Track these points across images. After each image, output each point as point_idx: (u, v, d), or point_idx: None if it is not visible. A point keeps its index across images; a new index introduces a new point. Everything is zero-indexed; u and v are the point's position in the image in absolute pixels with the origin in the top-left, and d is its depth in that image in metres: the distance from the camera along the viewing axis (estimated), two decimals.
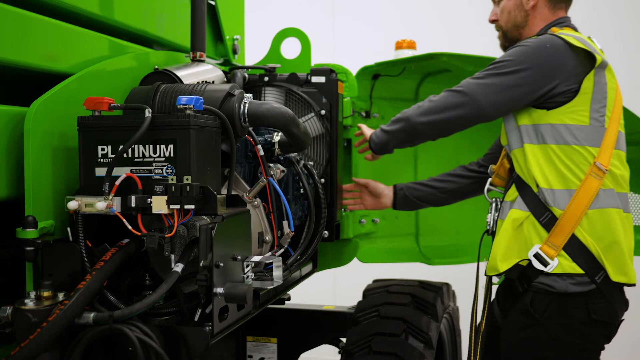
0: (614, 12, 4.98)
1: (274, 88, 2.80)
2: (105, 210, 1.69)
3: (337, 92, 2.77)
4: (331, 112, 2.77)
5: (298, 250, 2.45)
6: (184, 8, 2.67)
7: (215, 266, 1.71)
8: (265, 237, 2.21)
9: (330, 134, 2.79)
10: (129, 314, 1.65)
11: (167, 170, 1.73)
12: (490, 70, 2.44)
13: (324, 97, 2.77)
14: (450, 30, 5.25)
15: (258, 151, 2.21)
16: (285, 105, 2.70)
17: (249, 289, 1.73)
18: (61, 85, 1.85)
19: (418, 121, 2.54)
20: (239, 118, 1.97)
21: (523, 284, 2.39)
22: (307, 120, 2.72)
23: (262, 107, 2.00)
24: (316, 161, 2.74)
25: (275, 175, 2.27)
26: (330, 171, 2.80)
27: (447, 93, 2.50)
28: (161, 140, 1.74)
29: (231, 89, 1.97)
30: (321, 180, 2.69)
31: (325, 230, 2.72)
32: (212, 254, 1.70)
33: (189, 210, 1.68)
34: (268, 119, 2.01)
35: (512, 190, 2.49)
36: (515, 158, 2.46)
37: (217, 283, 1.72)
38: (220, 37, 2.94)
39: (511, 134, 2.48)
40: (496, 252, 2.43)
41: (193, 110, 1.73)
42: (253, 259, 1.89)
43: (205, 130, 1.80)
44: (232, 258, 1.81)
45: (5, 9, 1.74)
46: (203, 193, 1.72)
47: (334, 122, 2.78)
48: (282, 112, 2.04)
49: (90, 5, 2.09)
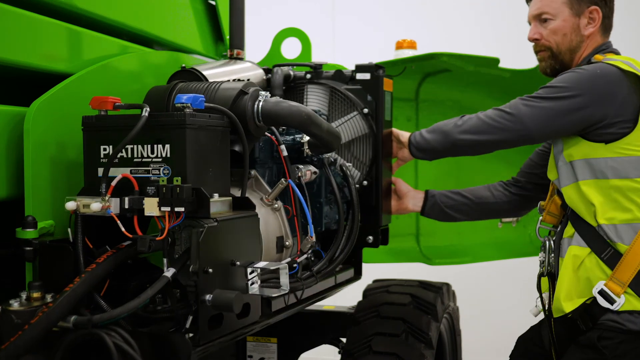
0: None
1: (317, 86, 2.69)
2: (101, 211, 1.65)
3: (383, 89, 2.64)
4: (377, 110, 2.63)
5: (326, 257, 2.33)
6: (184, 8, 2.67)
7: (204, 272, 1.64)
8: (286, 241, 2.11)
9: (375, 134, 2.64)
10: (108, 319, 1.59)
11: (164, 171, 1.69)
12: (543, 94, 2.33)
13: (369, 95, 2.64)
14: (450, 30, 5.24)
15: (281, 151, 2.15)
16: (329, 104, 2.64)
17: (236, 297, 1.65)
18: (61, 85, 1.85)
19: (458, 138, 2.45)
20: (252, 117, 1.90)
21: (587, 323, 2.27)
22: (350, 120, 2.61)
23: (276, 106, 1.93)
24: (361, 162, 2.64)
25: (304, 177, 2.20)
26: (376, 172, 2.65)
27: (495, 113, 2.40)
28: (158, 140, 1.70)
29: (244, 87, 1.91)
30: (364, 182, 2.62)
31: (369, 235, 2.63)
32: (199, 259, 1.63)
33: (181, 213, 1.63)
34: (282, 118, 1.94)
35: (568, 227, 2.38)
36: (568, 195, 2.35)
37: (208, 289, 1.65)
38: (221, 37, 2.93)
39: (562, 169, 2.37)
40: (559, 291, 2.32)
41: (192, 109, 1.69)
42: (257, 265, 1.80)
43: (207, 130, 1.75)
44: (230, 263, 1.75)
45: (5, 9, 1.74)
46: (196, 195, 1.67)
47: (379, 121, 2.64)
48: (297, 111, 1.95)
49: (91, 5, 2.09)
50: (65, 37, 1.96)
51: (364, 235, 2.64)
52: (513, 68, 3.13)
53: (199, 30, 2.78)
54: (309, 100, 2.66)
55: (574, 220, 2.35)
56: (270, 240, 2.04)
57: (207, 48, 2.85)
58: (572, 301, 2.29)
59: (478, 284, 4.76)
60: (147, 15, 2.41)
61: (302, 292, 2.24)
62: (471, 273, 4.25)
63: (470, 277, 4.38)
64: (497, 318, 5.01)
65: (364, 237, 2.64)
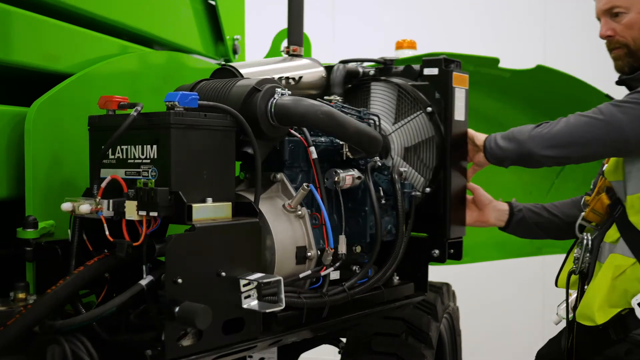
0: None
1: (383, 84, 2.44)
2: (91, 213, 1.60)
3: (452, 85, 2.35)
4: (445, 109, 2.35)
5: (361, 272, 2.11)
6: (184, 8, 2.67)
7: (172, 282, 1.53)
8: (308, 252, 1.95)
9: (443, 136, 2.36)
10: (69, 325, 1.54)
11: (152, 172, 1.62)
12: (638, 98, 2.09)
13: (437, 92, 2.37)
14: (450, 30, 5.24)
15: (310, 154, 2.00)
16: (397, 104, 2.40)
17: (201, 311, 1.51)
18: (61, 85, 1.85)
19: (542, 155, 2.18)
20: (265, 116, 1.80)
21: (619, 333, 2.13)
22: (412, 120, 2.38)
23: (290, 104, 1.81)
24: (426, 166, 2.38)
25: (342, 182, 2.05)
26: (443, 179, 2.37)
27: (584, 121, 2.14)
28: (147, 141, 1.63)
29: (258, 84, 1.81)
30: (426, 189, 2.36)
31: (435, 249, 2.38)
32: (167, 269, 1.53)
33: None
34: (297, 117, 1.82)
35: (612, 230, 2.21)
36: (632, 203, 2.14)
37: (178, 301, 1.54)
38: (221, 37, 2.93)
39: (635, 176, 2.14)
40: (592, 299, 2.15)
41: (181, 107, 1.61)
42: (249, 276, 1.66)
43: (200, 130, 1.65)
44: (216, 274, 1.62)
45: (5, 9, 1.74)
46: (175, 199, 1.58)
47: (448, 121, 2.35)
48: (313, 110, 1.82)
49: (91, 5, 2.09)
50: (65, 37, 1.96)
51: (430, 248, 2.40)
52: (513, 68, 3.12)
53: (199, 30, 2.78)
54: (373, 100, 2.45)
55: (623, 226, 2.17)
56: (287, 250, 1.91)
57: (207, 48, 2.85)
58: (605, 312, 2.14)
59: (478, 284, 4.77)
60: (147, 15, 2.40)
61: (326, 309, 1.99)
62: (471, 273, 4.26)
63: (470, 277, 4.38)
64: (497, 318, 5.01)
65: (429, 250, 2.40)
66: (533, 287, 4.90)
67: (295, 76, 2.23)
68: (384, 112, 2.41)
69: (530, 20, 5.23)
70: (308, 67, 2.30)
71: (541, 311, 4.82)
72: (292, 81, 2.26)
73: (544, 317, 4.82)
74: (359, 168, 2.14)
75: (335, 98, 2.35)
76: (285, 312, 1.86)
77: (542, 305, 4.87)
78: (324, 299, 1.96)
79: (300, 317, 1.92)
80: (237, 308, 1.65)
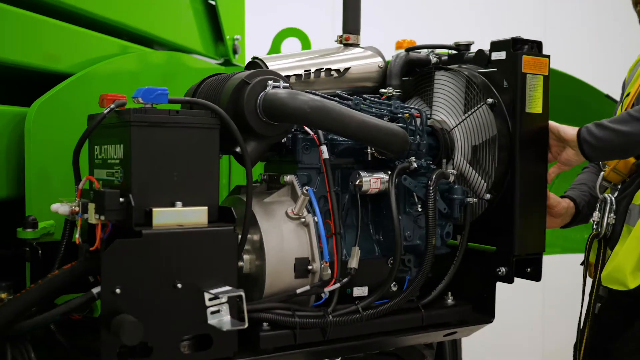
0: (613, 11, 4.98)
1: (446, 73, 2.13)
2: (71, 215, 1.55)
3: (521, 71, 1.99)
4: (514, 99, 1.99)
5: (380, 290, 1.87)
6: (184, 8, 2.67)
7: (111, 292, 1.42)
8: (311, 265, 1.78)
9: (511, 133, 2.00)
10: (18, 330, 1.48)
11: (119, 173, 1.53)
12: None
13: (505, 80, 2.02)
14: (450, 30, 5.24)
15: (321, 153, 1.83)
16: (465, 96, 2.08)
17: (128, 325, 1.39)
18: (61, 85, 1.85)
19: None
20: (254, 112, 1.66)
21: None
22: (473, 114, 2.05)
23: (279, 98, 1.65)
24: (484, 168, 2.06)
25: (364, 186, 1.86)
26: (511, 183, 2.01)
27: None
28: (117, 140, 1.55)
29: (249, 77, 1.67)
30: (486, 195, 2.04)
31: (500, 266, 2.05)
32: (103, 278, 1.43)
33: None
34: (285, 112, 1.65)
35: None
36: None
37: (117, 313, 1.43)
38: (221, 37, 2.93)
39: None
40: (624, 263, 2.05)
41: (144, 104, 1.51)
42: (213, 290, 1.51)
43: (168, 128, 1.53)
44: (172, 286, 1.49)
45: (5, 9, 1.74)
46: (126, 203, 1.47)
47: (517, 114, 1.99)
48: (299, 104, 1.64)
49: (91, 5, 2.09)
50: (65, 37, 1.96)
51: (496, 265, 2.07)
52: None
53: (199, 30, 2.78)
54: (437, 92, 2.16)
55: None
56: (283, 261, 1.75)
57: (207, 48, 2.85)
58: (638, 276, 2.03)
59: None
60: (147, 15, 2.40)
61: (329, 331, 1.78)
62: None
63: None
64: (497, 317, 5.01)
65: (495, 267, 2.07)
66: (533, 287, 4.90)
67: (340, 68, 2.06)
68: (447, 105, 2.13)
69: (531, 20, 5.23)
70: (361, 57, 2.11)
71: (541, 311, 4.82)
72: (334, 73, 2.09)
73: (544, 317, 4.83)
74: (390, 169, 1.93)
75: (389, 91, 2.15)
76: (273, 331, 1.71)
77: (542, 305, 4.87)
78: (326, 319, 1.76)
79: (292, 337, 1.74)
80: (203, 324, 1.52)
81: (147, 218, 1.50)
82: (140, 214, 1.49)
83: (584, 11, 5.05)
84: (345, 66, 2.08)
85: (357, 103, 1.92)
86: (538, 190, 2.07)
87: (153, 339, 1.49)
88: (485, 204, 2.06)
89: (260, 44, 3.31)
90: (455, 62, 2.17)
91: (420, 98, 2.24)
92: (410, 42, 3.26)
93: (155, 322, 1.48)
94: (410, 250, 1.95)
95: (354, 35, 2.10)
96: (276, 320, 1.71)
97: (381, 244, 1.95)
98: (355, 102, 1.92)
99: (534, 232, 2.07)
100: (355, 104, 1.92)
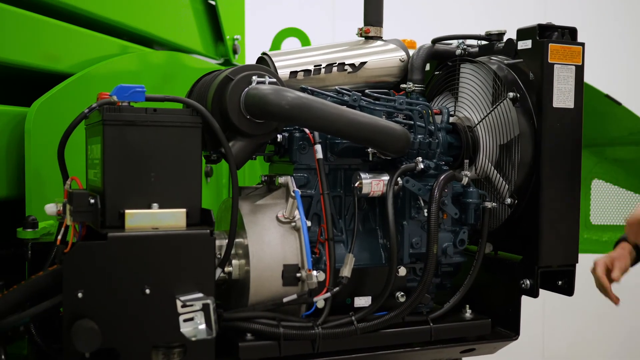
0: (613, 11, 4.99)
1: (470, 65, 1.98)
2: (58, 216, 1.52)
3: (547, 61, 1.81)
4: (542, 94, 1.80)
5: (378, 300, 1.76)
6: (184, 8, 2.67)
7: (73, 296, 1.37)
8: (300, 272, 1.68)
9: (537, 131, 1.83)
10: None
11: (97, 174, 1.50)
12: None
13: (531, 72, 1.84)
14: (450, 30, 5.24)
15: (315, 152, 1.73)
16: (493, 90, 1.93)
17: (82, 331, 1.34)
18: (61, 85, 1.85)
19: None
20: (237, 109, 1.59)
21: None
22: (495, 110, 1.90)
23: (259, 94, 1.56)
24: (507, 172, 1.92)
25: (364, 188, 1.75)
26: (536, 185, 1.84)
27: None
28: (98, 140, 1.50)
29: (233, 73, 1.61)
30: (506, 200, 1.89)
31: (524, 278, 1.87)
32: (64, 281, 1.38)
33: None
34: (267, 109, 1.56)
35: None
36: None
37: (79, 318, 1.37)
38: (221, 37, 2.93)
39: None
40: None
41: (119, 102, 1.45)
42: (183, 297, 1.43)
43: (145, 127, 1.46)
44: (140, 291, 1.42)
45: (5, 9, 1.74)
46: (96, 205, 1.42)
47: (545, 110, 1.81)
48: (277, 100, 1.55)
49: (91, 5, 2.09)
50: (65, 37, 1.96)
51: (522, 276, 1.90)
52: None
53: (199, 30, 2.78)
54: (462, 86, 2.01)
55: None
56: (269, 268, 1.67)
57: (207, 48, 2.85)
58: None
59: None
60: (147, 15, 2.40)
61: (318, 343, 1.67)
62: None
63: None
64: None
65: (520, 279, 1.90)
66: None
67: (355, 62, 1.96)
68: (472, 101, 1.98)
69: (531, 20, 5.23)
70: (381, 51, 2.00)
71: (541, 311, 4.82)
72: (348, 68, 1.99)
73: (544, 317, 4.82)
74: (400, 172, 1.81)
75: (409, 86, 2.02)
76: (254, 342, 1.62)
77: (543, 305, 4.86)
78: (314, 331, 1.66)
79: (276, 349, 1.64)
80: (176, 332, 1.43)
81: (120, 220, 1.45)
82: (113, 215, 1.45)
83: (584, 11, 5.05)
84: (361, 60, 1.97)
85: (356, 99, 1.82)
86: (569, 195, 1.87)
87: (121, 345, 1.42)
88: (509, 210, 1.90)
89: (261, 44, 3.32)
90: (486, 54, 2.00)
91: (450, 93, 2.09)
92: (410, 42, 3.26)
93: (122, 329, 1.42)
94: (420, 258, 1.83)
95: (374, 27, 1.99)
96: (259, 331, 1.63)
97: (388, 251, 1.81)
98: (354, 98, 1.82)
99: (565, 242, 1.87)
100: (354, 100, 1.82)
